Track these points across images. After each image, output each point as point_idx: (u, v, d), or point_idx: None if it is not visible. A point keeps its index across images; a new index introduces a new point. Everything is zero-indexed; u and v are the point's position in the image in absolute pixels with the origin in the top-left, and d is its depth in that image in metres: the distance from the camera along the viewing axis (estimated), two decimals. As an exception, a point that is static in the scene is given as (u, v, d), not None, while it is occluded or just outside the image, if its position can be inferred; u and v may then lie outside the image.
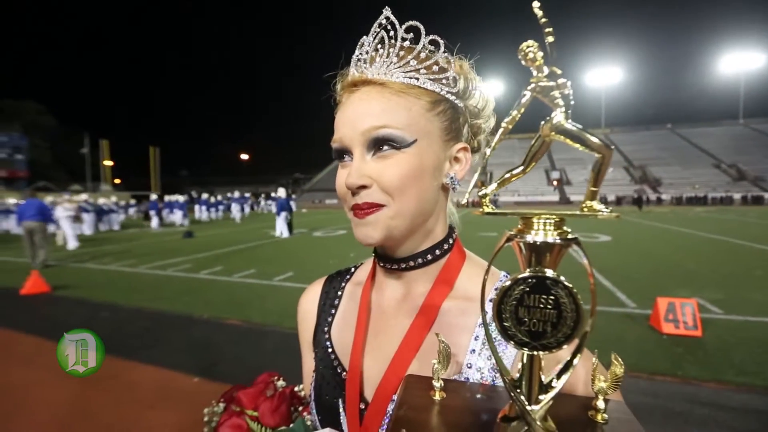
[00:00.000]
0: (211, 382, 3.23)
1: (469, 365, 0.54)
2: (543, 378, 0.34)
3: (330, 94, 0.62)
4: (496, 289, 0.43)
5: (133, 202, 26.83)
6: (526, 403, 0.33)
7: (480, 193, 0.37)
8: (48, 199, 12.35)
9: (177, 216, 21.73)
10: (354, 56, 0.58)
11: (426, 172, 0.55)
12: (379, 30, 0.55)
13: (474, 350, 0.54)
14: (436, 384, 0.44)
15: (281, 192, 13.74)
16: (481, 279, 0.47)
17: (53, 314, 5.26)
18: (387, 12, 0.54)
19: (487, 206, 0.36)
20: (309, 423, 0.62)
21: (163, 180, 59.42)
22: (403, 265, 0.60)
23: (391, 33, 0.54)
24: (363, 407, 0.56)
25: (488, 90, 0.62)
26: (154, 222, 19.44)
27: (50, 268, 8.33)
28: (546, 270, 0.32)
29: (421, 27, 0.53)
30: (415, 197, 0.54)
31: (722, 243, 10.21)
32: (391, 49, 0.54)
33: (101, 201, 20.06)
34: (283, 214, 13.17)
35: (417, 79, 0.54)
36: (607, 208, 0.32)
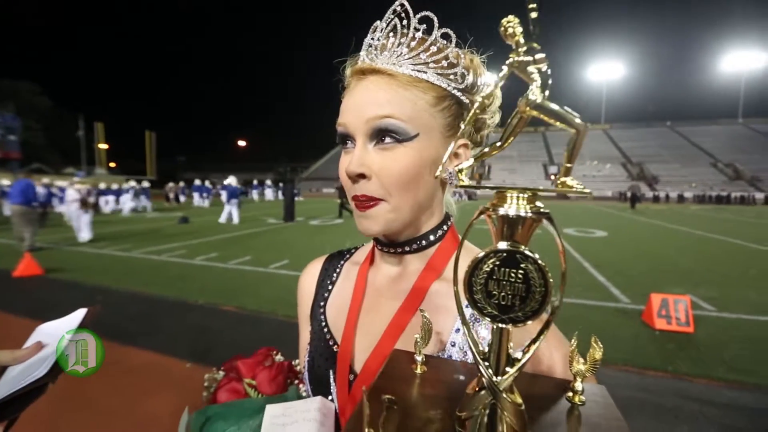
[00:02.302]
0: (206, 367, 3.22)
1: (452, 343, 0.56)
2: (511, 352, 0.35)
3: (338, 77, 0.62)
4: None
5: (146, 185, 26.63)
6: (493, 375, 0.34)
7: (457, 167, 0.38)
8: (43, 180, 11.98)
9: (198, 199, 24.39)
10: (366, 41, 0.58)
11: (425, 167, 0.56)
12: (392, 17, 0.55)
13: (458, 329, 0.56)
14: (418, 358, 0.46)
15: (231, 180, 14.32)
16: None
17: (46, 297, 5.22)
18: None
19: (462, 180, 0.37)
20: (304, 393, 0.65)
21: (159, 165, 58.95)
22: (399, 249, 0.62)
23: (405, 22, 0.54)
24: (352, 378, 0.59)
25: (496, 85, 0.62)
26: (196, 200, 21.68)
27: (43, 251, 8.26)
28: (517, 244, 0.32)
29: (435, 19, 0.53)
30: (413, 192, 0.56)
31: (718, 242, 10.29)
32: (402, 39, 0.54)
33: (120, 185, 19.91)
34: (234, 201, 13.88)
35: (425, 72, 0.54)
36: (580, 185, 0.33)
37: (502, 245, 0.32)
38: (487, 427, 0.34)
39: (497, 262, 0.32)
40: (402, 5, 0.54)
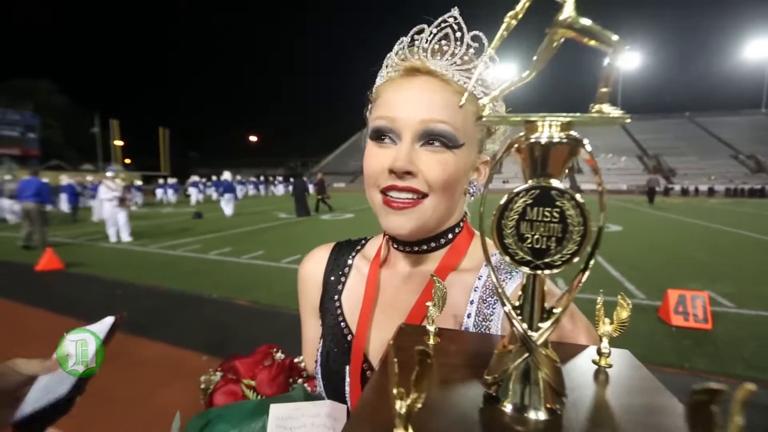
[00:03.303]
0: (221, 360, 3.28)
1: (466, 328, 0.56)
2: (544, 304, 0.32)
3: (374, 69, 0.63)
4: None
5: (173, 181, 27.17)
6: (528, 328, 0.31)
7: (481, 101, 0.35)
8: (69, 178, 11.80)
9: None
10: (414, 40, 0.58)
11: (463, 175, 0.58)
12: (444, 26, 0.56)
13: (470, 314, 0.57)
14: (431, 328, 0.43)
15: (226, 175, 14.73)
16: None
17: (68, 291, 5.39)
18: (455, 12, 0.56)
19: (485, 114, 0.34)
20: (312, 393, 0.63)
21: (173, 161, 59.84)
22: (416, 248, 0.63)
23: (458, 34, 0.56)
24: (369, 373, 0.58)
25: (502, 107, 0.62)
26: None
27: (63, 246, 8.49)
28: (551, 179, 0.29)
29: (485, 40, 0.55)
30: (450, 196, 0.57)
31: (736, 236, 10.01)
32: (456, 50, 0.56)
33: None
34: (227, 195, 14.26)
35: (474, 88, 0.56)
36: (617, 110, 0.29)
37: (534, 181, 0.29)
38: (522, 386, 0.31)
39: (529, 201, 0.29)
40: (455, 18, 0.56)
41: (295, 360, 0.68)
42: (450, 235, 0.63)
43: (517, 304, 0.33)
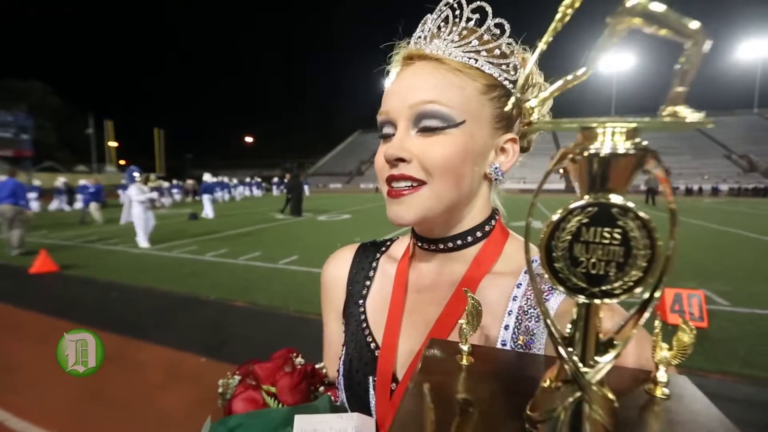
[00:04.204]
0: (219, 362, 3.28)
1: (503, 342, 0.51)
2: (600, 336, 0.28)
3: (382, 67, 0.61)
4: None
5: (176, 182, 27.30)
6: (580, 364, 0.27)
7: (528, 104, 0.31)
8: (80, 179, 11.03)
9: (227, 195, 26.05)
10: (414, 34, 0.56)
11: (470, 156, 0.52)
12: (444, 9, 0.53)
13: (507, 326, 0.52)
14: (464, 348, 0.39)
15: (207, 176, 15.10)
16: (522, 255, 0.48)
17: (64, 293, 5.34)
18: None
19: (533, 119, 0.29)
20: (336, 403, 0.60)
21: (168, 162, 59.57)
22: (441, 246, 0.58)
23: (457, 12, 0.53)
24: (394, 387, 0.55)
25: (548, 88, 0.59)
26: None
27: (59, 249, 8.42)
28: (612, 195, 0.25)
29: (489, 8, 0.52)
30: (455, 181, 0.52)
31: (731, 235, 10.11)
32: (454, 27, 0.53)
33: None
34: (208, 196, 14.52)
35: (476, 60, 0.52)
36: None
37: (592, 197, 0.25)
38: (571, 429, 0.28)
39: (585, 220, 0.25)
40: None
41: (316, 366, 0.66)
42: (479, 233, 0.57)
43: (566, 333, 0.29)
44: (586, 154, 0.25)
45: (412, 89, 0.52)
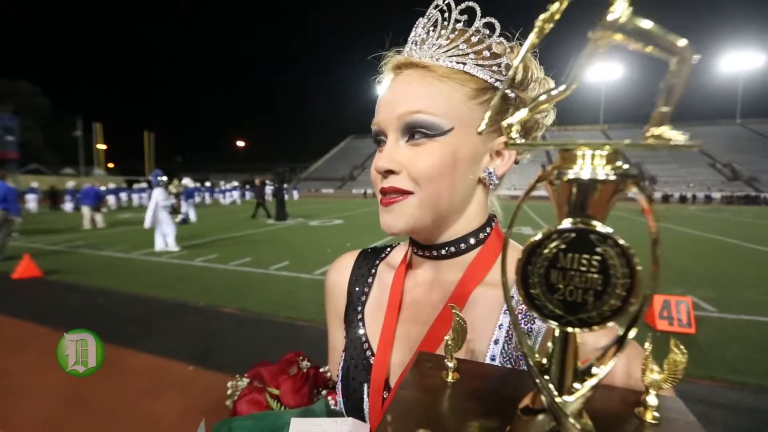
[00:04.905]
0: (208, 370, 3.21)
1: (492, 357, 0.50)
2: (578, 363, 0.27)
3: (376, 76, 0.60)
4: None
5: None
6: (556, 393, 0.26)
7: (505, 123, 0.29)
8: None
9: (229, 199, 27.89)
10: (409, 38, 0.56)
11: (460, 163, 0.52)
12: (434, 12, 0.52)
13: (497, 340, 0.51)
14: (450, 364, 0.39)
15: (187, 181, 15.32)
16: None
17: (47, 299, 5.19)
18: None
19: (511, 138, 0.28)
20: (334, 407, 0.61)
21: (158, 165, 58.90)
22: (435, 253, 0.57)
23: (446, 15, 0.52)
24: (386, 395, 0.55)
25: (550, 82, 0.57)
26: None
27: (43, 253, 8.22)
28: (591, 221, 0.24)
29: (477, 8, 0.51)
30: (445, 189, 0.52)
31: (716, 242, 10.30)
32: (442, 31, 0.52)
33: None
34: (190, 201, 14.88)
35: (464, 64, 0.51)
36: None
37: (569, 222, 0.24)
38: None
39: (563, 246, 0.24)
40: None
41: (321, 370, 0.67)
42: (472, 240, 0.56)
43: (543, 361, 0.28)
44: (564, 178, 0.24)
45: (400, 99, 0.52)
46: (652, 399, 0.33)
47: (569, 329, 0.25)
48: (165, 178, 9.05)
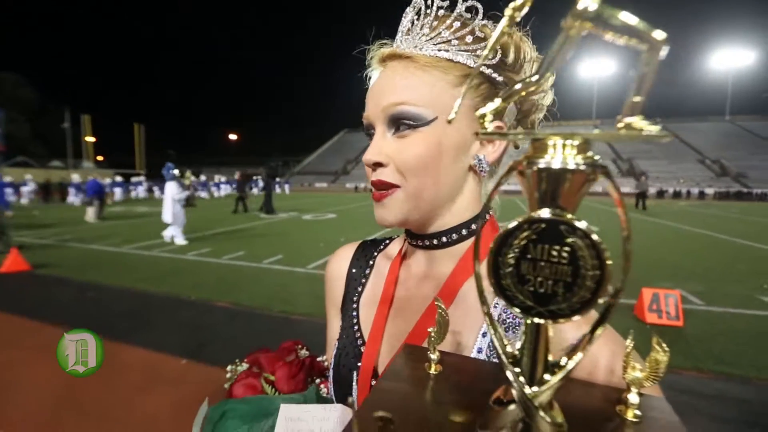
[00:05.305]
0: (201, 364, 3.20)
1: (479, 350, 0.50)
2: (550, 356, 0.27)
3: (362, 69, 0.60)
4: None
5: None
6: (526, 384, 0.26)
7: (478, 112, 0.29)
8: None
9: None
10: (398, 29, 0.55)
11: (446, 152, 0.52)
12: (418, 1, 0.52)
13: (485, 334, 0.51)
14: (432, 356, 0.39)
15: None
16: None
17: (36, 293, 5.13)
18: None
19: (484, 127, 0.28)
20: (326, 395, 0.61)
21: (149, 158, 58.07)
22: (428, 243, 0.58)
23: (429, 2, 0.51)
24: (374, 383, 0.54)
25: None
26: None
27: (29, 248, 8.09)
28: (562, 211, 0.24)
29: None
30: (432, 179, 0.52)
31: (705, 237, 10.48)
32: (425, 20, 0.51)
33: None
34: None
35: (447, 51, 0.51)
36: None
37: (540, 213, 0.24)
38: None
39: (533, 236, 0.24)
40: None
41: (318, 359, 0.68)
42: (464, 231, 0.56)
43: (515, 352, 0.28)
44: (535, 168, 0.24)
45: (384, 92, 0.52)
46: (633, 397, 0.33)
47: (539, 320, 0.25)
48: (177, 171, 8.86)
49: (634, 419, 0.32)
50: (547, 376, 0.26)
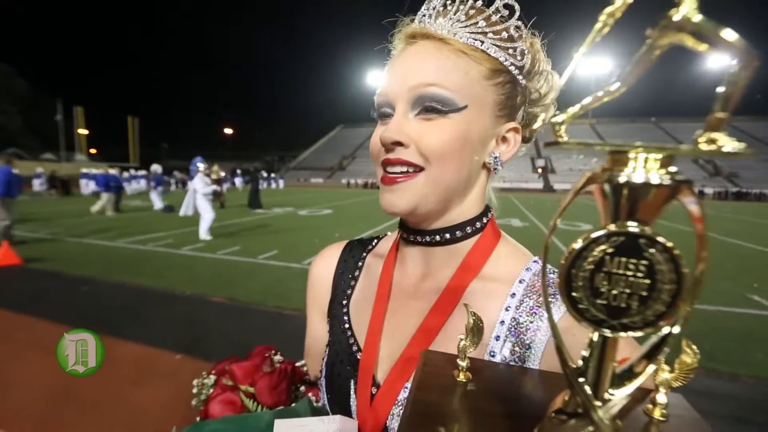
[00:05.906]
0: (195, 359, 3.19)
1: (492, 353, 0.48)
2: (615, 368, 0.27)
3: (383, 44, 0.57)
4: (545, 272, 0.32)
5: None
6: (593, 397, 0.26)
7: (555, 120, 0.28)
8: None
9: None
10: (419, 12, 0.53)
11: (470, 143, 0.50)
12: None
13: (498, 337, 0.49)
14: (462, 363, 0.38)
15: (156, 168, 15.19)
16: (514, 260, 0.48)
17: (28, 288, 5.07)
18: None
19: (561, 136, 0.27)
20: (317, 405, 0.57)
21: (143, 152, 57.56)
22: (428, 239, 0.54)
23: None
24: (375, 391, 0.52)
25: (555, 76, 0.55)
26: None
27: (22, 241, 8.00)
28: (641, 225, 0.24)
29: None
30: (454, 168, 0.50)
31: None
32: (461, 6, 0.50)
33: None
34: (159, 188, 14.61)
35: (482, 42, 0.50)
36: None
37: (619, 226, 0.24)
38: None
39: (610, 249, 0.24)
40: None
41: (297, 364, 0.63)
42: (469, 229, 0.54)
43: (579, 364, 0.27)
44: (615, 181, 0.24)
45: (413, 70, 0.49)
46: (661, 397, 0.33)
47: (610, 333, 0.25)
48: (204, 166, 8.78)
49: (661, 418, 0.33)
50: (611, 390, 0.27)
